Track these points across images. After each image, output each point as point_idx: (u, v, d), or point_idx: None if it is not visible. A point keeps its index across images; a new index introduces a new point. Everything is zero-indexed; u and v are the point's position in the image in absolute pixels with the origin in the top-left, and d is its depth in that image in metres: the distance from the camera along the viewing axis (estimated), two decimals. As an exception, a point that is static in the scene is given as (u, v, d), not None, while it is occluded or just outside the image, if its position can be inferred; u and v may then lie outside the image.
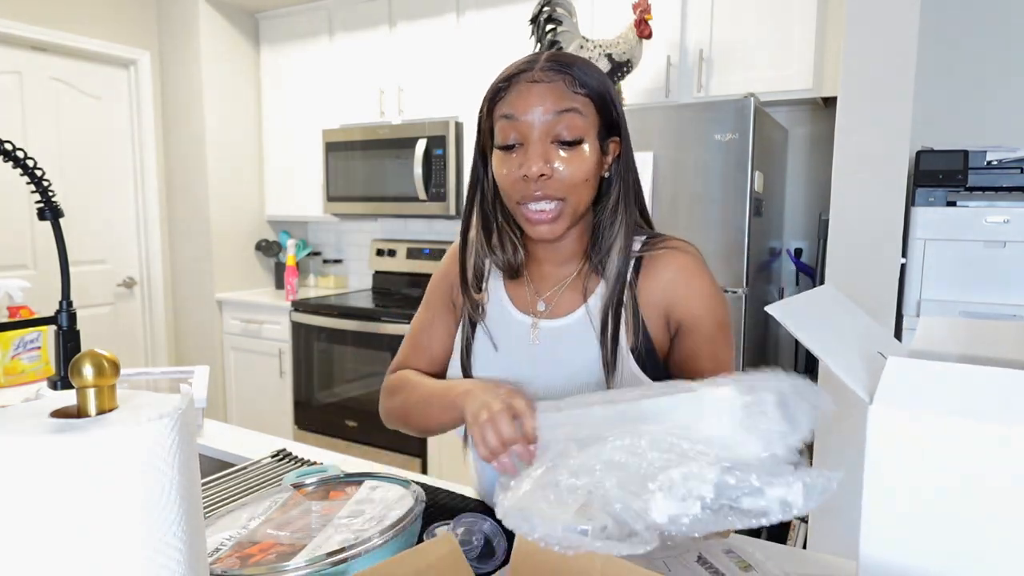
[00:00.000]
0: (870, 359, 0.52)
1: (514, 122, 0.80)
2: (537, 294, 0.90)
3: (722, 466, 0.47)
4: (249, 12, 3.41)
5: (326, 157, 3.18)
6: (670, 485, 0.47)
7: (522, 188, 0.80)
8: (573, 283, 0.88)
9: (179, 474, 0.41)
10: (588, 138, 0.80)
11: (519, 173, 0.79)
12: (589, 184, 0.82)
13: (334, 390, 3.00)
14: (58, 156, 3.00)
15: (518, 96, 0.80)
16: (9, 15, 2.77)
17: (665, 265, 0.85)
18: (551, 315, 0.88)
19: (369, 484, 0.83)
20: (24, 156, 1.04)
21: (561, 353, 0.86)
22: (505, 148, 0.81)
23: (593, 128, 0.81)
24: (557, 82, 0.79)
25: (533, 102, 0.79)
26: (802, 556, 0.79)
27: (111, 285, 3.27)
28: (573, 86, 0.79)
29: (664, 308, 0.85)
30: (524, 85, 0.80)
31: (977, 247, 1.85)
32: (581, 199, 0.82)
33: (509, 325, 0.90)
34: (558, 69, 0.80)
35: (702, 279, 0.85)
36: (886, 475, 0.45)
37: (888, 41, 1.81)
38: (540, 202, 0.80)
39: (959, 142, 2.01)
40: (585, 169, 0.80)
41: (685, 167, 2.07)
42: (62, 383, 1.24)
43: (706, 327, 0.84)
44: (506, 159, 0.81)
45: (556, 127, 0.79)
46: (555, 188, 0.79)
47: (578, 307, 0.87)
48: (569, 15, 2.32)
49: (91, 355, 0.41)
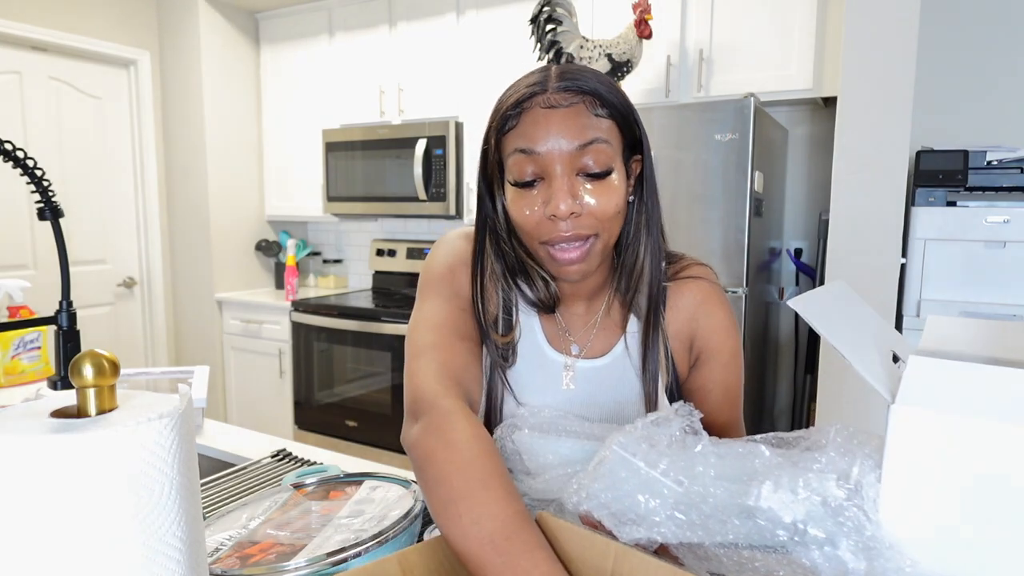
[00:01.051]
0: (886, 357, 0.52)
1: (532, 156, 0.70)
2: (569, 334, 0.84)
3: (830, 499, 0.44)
4: (249, 12, 3.41)
5: (326, 157, 3.18)
6: (786, 484, 0.45)
7: (549, 228, 0.71)
8: (604, 321, 0.83)
9: (179, 474, 0.41)
10: (616, 166, 0.72)
11: (544, 212, 0.70)
12: (620, 215, 0.74)
13: (334, 390, 3.00)
14: (58, 156, 3.00)
15: (534, 126, 0.70)
16: (9, 15, 2.77)
17: (690, 295, 0.82)
18: (586, 356, 0.82)
19: (369, 484, 0.82)
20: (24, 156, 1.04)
21: (598, 396, 0.81)
22: (524, 185, 0.72)
23: (619, 154, 0.73)
24: (577, 105, 0.70)
25: (553, 132, 0.69)
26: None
27: (111, 285, 3.27)
28: (594, 108, 0.71)
29: (688, 338, 0.83)
30: (539, 112, 0.70)
31: (977, 247, 1.85)
32: (612, 233, 0.74)
33: (543, 365, 0.83)
34: (576, 89, 0.70)
35: (722, 309, 0.83)
36: (907, 475, 0.45)
37: (888, 41, 1.81)
38: (571, 242, 0.72)
39: (959, 142, 2.01)
40: (616, 202, 0.72)
41: (685, 167, 2.07)
42: (62, 383, 1.24)
43: (723, 357, 0.83)
44: (525, 197, 0.72)
45: (581, 159, 0.69)
46: (586, 225, 0.71)
47: (612, 346, 0.82)
48: (569, 15, 2.32)
49: (91, 355, 0.41)
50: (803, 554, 0.43)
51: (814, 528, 0.43)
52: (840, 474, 0.46)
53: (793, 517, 0.44)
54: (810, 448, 0.49)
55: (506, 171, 0.74)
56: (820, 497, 0.44)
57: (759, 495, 0.45)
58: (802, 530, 0.44)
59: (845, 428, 0.50)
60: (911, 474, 0.45)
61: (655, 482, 0.48)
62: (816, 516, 0.43)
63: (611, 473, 0.51)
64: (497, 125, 0.73)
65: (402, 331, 2.70)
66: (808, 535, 0.43)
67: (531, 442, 0.69)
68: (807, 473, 0.45)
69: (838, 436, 0.49)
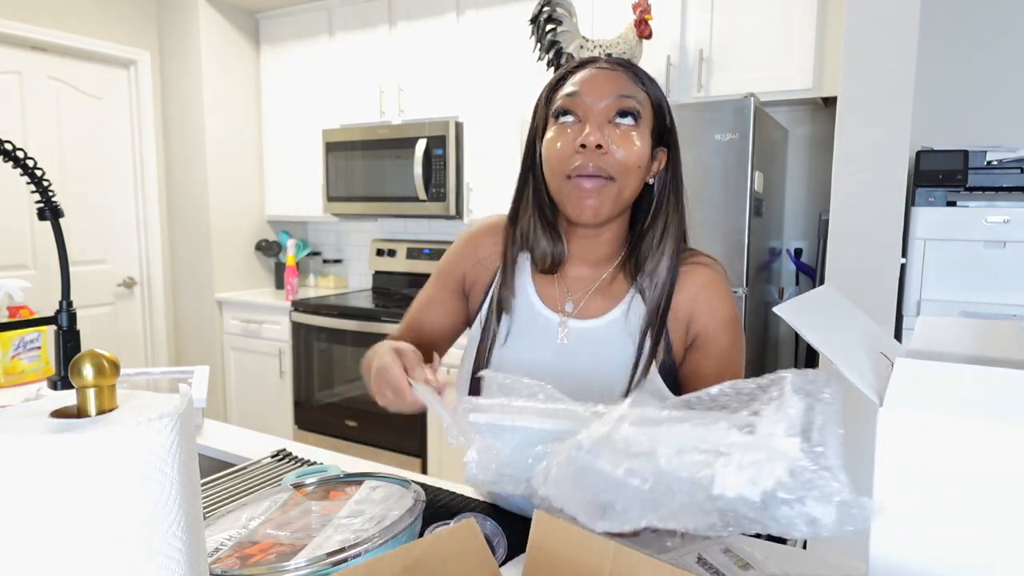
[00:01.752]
0: (874, 360, 0.52)
1: (576, 98, 0.82)
2: (567, 293, 0.90)
3: (792, 466, 0.44)
4: (249, 12, 3.41)
5: (326, 157, 3.18)
6: (747, 464, 0.45)
7: (574, 159, 0.81)
8: (603, 287, 0.89)
9: (179, 474, 0.41)
10: (642, 129, 0.83)
11: (575, 144, 0.81)
12: (638, 174, 0.84)
13: (334, 390, 3.00)
14: (58, 156, 3.00)
15: (584, 78, 0.83)
16: (8, 15, 2.77)
17: (693, 280, 0.87)
18: (580, 316, 0.88)
19: (369, 484, 0.83)
20: (24, 156, 1.04)
21: (587, 355, 0.87)
22: (563, 114, 0.83)
23: (648, 124, 0.84)
24: (620, 72, 0.84)
25: (600, 82, 0.82)
26: (802, 556, 0.79)
27: (111, 285, 3.27)
28: (635, 81, 0.84)
29: (686, 321, 0.87)
30: (591, 70, 0.84)
31: (977, 247, 1.85)
32: (627, 185, 0.83)
33: (535, 321, 0.90)
34: (624, 65, 0.85)
35: (724, 298, 0.87)
36: (897, 477, 0.45)
37: (888, 41, 1.81)
38: (591, 178, 0.81)
39: (959, 142, 2.01)
40: (637, 154, 0.82)
41: (685, 167, 2.05)
42: (62, 383, 1.24)
43: (720, 346, 0.86)
44: (561, 132, 0.83)
45: (615, 109, 0.81)
46: (608, 164, 0.80)
47: (607, 311, 0.88)
48: (569, 15, 2.32)
49: (91, 355, 0.41)
50: (772, 513, 0.44)
51: (783, 493, 0.43)
52: (803, 434, 0.46)
53: (762, 495, 0.44)
54: (771, 400, 0.49)
55: (552, 110, 0.85)
56: (785, 466, 0.44)
57: (724, 484, 0.45)
58: (772, 499, 0.44)
59: (802, 375, 0.49)
60: (901, 475, 0.45)
61: (620, 482, 0.48)
62: (784, 486, 0.43)
63: (577, 475, 0.51)
64: (553, 82, 0.87)
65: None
66: (777, 498, 0.44)
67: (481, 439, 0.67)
68: (770, 448, 0.45)
69: (795, 386, 0.49)
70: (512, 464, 0.60)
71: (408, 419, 2.72)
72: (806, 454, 0.45)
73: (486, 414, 0.61)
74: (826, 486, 0.43)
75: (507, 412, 0.61)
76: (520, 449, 0.60)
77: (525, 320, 0.90)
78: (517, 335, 0.90)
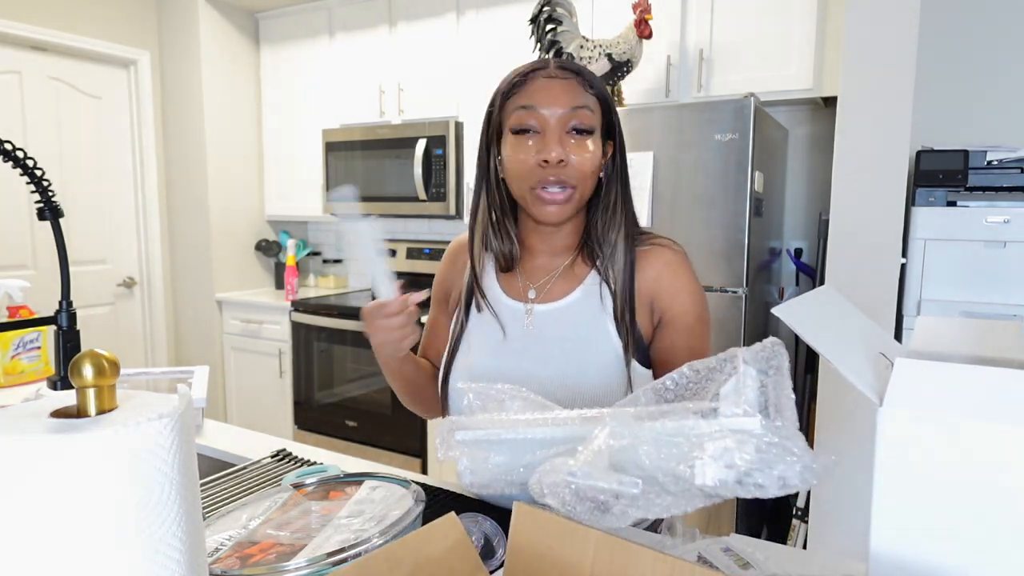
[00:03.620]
0: (874, 360, 0.52)
1: (533, 112, 0.86)
2: (529, 283, 0.95)
3: (757, 443, 0.50)
4: (249, 12, 3.41)
5: (326, 157, 3.18)
6: (720, 452, 0.50)
7: (539, 174, 0.86)
8: (564, 272, 0.94)
9: (179, 474, 0.41)
10: (595, 134, 0.88)
11: (537, 159, 0.85)
12: (595, 176, 0.89)
13: (334, 390, 3.00)
14: (58, 156, 3.00)
15: (538, 89, 0.86)
16: (9, 15, 2.77)
17: (653, 260, 0.91)
18: (544, 300, 0.93)
19: (369, 484, 0.83)
20: (24, 156, 1.04)
21: (555, 337, 0.91)
22: (521, 132, 0.87)
23: (599, 127, 0.89)
24: (572, 80, 0.87)
25: (555, 94, 0.85)
26: (802, 556, 0.79)
27: (111, 285, 3.27)
28: (585, 86, 0.88)
29: (649, 300, 0.91)
30: (542, 80, 0.87)
31: (977, 247, 1.85)
32: (587, 190, 0.89)
33: (502, 312, 0.95)
34: (573, 70, 0.88)
35: (685, 276, 0.92)
36: (896, 477, 0.45)
37: (888, 41, 1.81)
38: (555, 187, 0.86)
39: (959, 142, 2.01)
40: (594, 162, 0.87)
41: (685, 167, 2.07)
42: (62, 383, 1.24)
43: (686, 321, 0.90)
44: (521, 146, 0.87)
45: (572, 120, 0.86)
46: (569, 175, 0.86)
47: (570, 292, 0.92)
48: (569, 15, 2.32)
49: (91, 355, 0.41)
50: (746, 485, 0.50)
51: (754, 469, 0.49)
52: (761, 411, 0.52)
53: (736, 475, 0.49)
54: (728, 378, 0.56)
55: (507, 124, 0.89)
56: (752, 446, 0.49)
57: (704, 475, 0.50)
58: (745, 475, 0.50)
59: (750, 350, 0.55)
60: (901, 475, 0.45)
61: (615, 491, 0.52)
62: (753, 463, 0.49)
63: (575, 491, 0.54)
64: (504, 89, 0.89)
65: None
66: (750, 473, 0.50)
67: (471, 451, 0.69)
68: (736, 431, 0.51)
69: (746, 359, 0.55)
70: (505, 471, 0.62)
71: (408, 419, 2.72)
72: (767, 429, 0.50)
73: (472, 431, 0.62)
74: (788, 455, 0.48)
75: (492, 426, 0.62)
76: (510, 457, 0.62)
77: (493, 312, 0.95)
78: (486, 327, 0.95)
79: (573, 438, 0.60)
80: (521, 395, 0.68)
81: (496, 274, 0.98)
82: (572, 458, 0.56)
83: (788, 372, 0.54)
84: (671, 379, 0.61)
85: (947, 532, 0.44)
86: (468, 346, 0.96)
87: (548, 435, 0.61)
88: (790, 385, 0.53)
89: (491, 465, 0.62)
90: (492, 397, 0.68)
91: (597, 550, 0.50)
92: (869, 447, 0.46)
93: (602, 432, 0.56)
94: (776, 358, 0.54)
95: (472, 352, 0.95)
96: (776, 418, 0.51)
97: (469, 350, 0.95)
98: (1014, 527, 0.42)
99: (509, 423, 0.63)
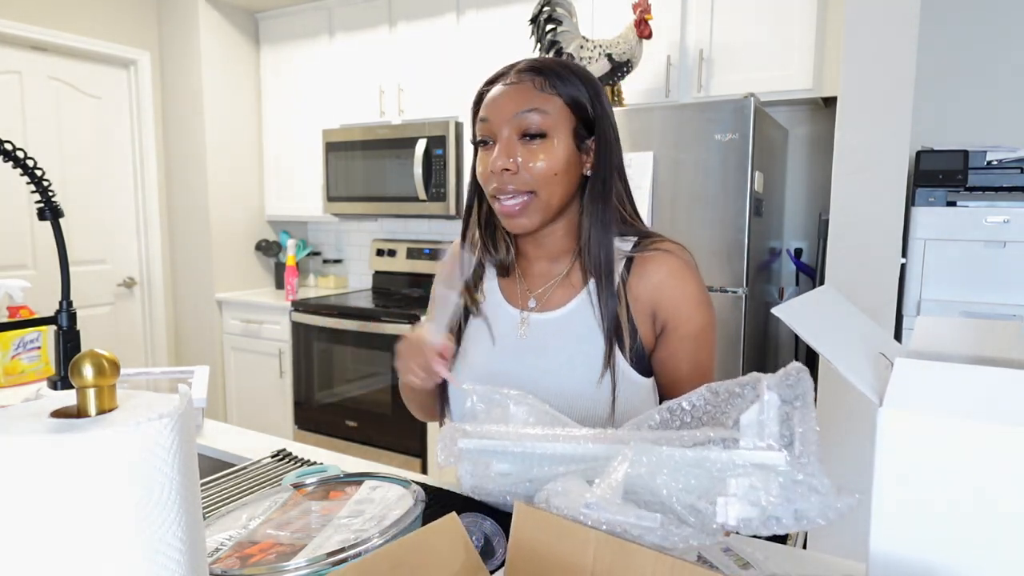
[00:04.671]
0: (874, 360, 0.52)
1: (486, 123, 0.86)
2: (529, 291, 0.94)
3: (782, 479, 0.49)
4: (249, 12, 3.41)
5: (326, 157, 3.18)
6: (743, 492, 0.49)
7: (492, 184, 0.86)
8: (563, 280, 0.92)
9: (179, 474, 0.41)
10: (557, 135, 0.84)
11: (489, 169, 0.86)
12: (560, 179, 0.85)
13: (334, 390, 3.00)
14: (58, 156, 3.00)
15: (491, 100, 0.87)
16: (9, 15, 2.77)
17: (656, 267, 0.88)
18: (542, 309, 0.92)
19: (369, 484, 0.83)
20: (24, 156, 1.04)
21: (550, 347, 0.89)
22: (480, 144, 0.88)
23: (564, 126, 0.85)
24: (525, 83, 0.85)
25: (501, 103, 0.85)
26: (802, 556, 0.79)
27: (111, 285, 3.27)
28: (542, 88, 0.84)
29: (652, 307, 0.88)
30: (497, 88, 0.87)
31: (977, 247, 1.85)
32: (553, 193, 0.85)
33: (500, 319, 0.94)
34: (532, 72, 0.85)
35: (691, 283, 0.88)
36: (896, 477, 0.45)
37: (888, 41, 1.81)
38: (510, 196, 0.85)
39: (959, 142, 2.01)
40: (552, 164, 0.84)
41: (685, 167, 2.07)
42: (62, 383, 1.24)
43: (689, 330, 0.87)
44: (483, 157, 0.88)
45: (519, 124, 0.84)
46: (522, 182, 0.84)
47: (566, 302, 0.90)
48: (569, 15, 2.32)
49: (91, 355, 0.41)
50: (766, 520, 0.50)
51: (777, 505, 0.49)
52: (787, 446, 0.51)
53: (762, 514, 0.49)
54: (750, 404, 0.54)
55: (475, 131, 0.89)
56: (776, 484, 0.49)
57: (727, 515, 0.49)
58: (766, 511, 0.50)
59: (776, 377, 0.54)
60: (901, 475, 0.45)
61: (633, 524, 0.52)
62: (777, 498, 0.49)
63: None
64: (475, 100, 0.91)
65: (402, 331, 2.70)
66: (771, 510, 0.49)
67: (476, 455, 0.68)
68: (760, 467, 0.50)
69: (770, 385, 0.53)
70: (511, 482, 0.62)
71: (408, 419, 2.72)
72: (791, 466, 0.49)
73: (476, 440, 0.62)
74: (813, 493, 0.48)
75: (499, 438, 0.62)
76: (515, 469, 0.61)
77: (491, 318, 0.95)
78: (482, 333, 0.95)
79: (584, 456, 0.59)
80: (527, 401, 0.68)
81: (497, 277, 0.98)
82: (587, 487, 0.55)
83: (813, 402, 0.52)
84: (688, 401, 0.60)
85: (947, 532, 0.44)
86: (464, 349, 0.96)
87: (557, 451, 0.60)
88: (815, 416, 0.51)
89: (494, 474, 0.61)
90: (496, 401, 0.68)
91: (597, 550, 0.50)
92: (869, 447, 0.46)
93: (621, 466, 0.55)
94: (801, 385, 0.52)
95: (467, 355, 0.95)
96: (802, 454, 0.49)
97: (464, 353, 0.96)
98: (1014, 527, 0.42)
99: (517, 436, 0.62)
